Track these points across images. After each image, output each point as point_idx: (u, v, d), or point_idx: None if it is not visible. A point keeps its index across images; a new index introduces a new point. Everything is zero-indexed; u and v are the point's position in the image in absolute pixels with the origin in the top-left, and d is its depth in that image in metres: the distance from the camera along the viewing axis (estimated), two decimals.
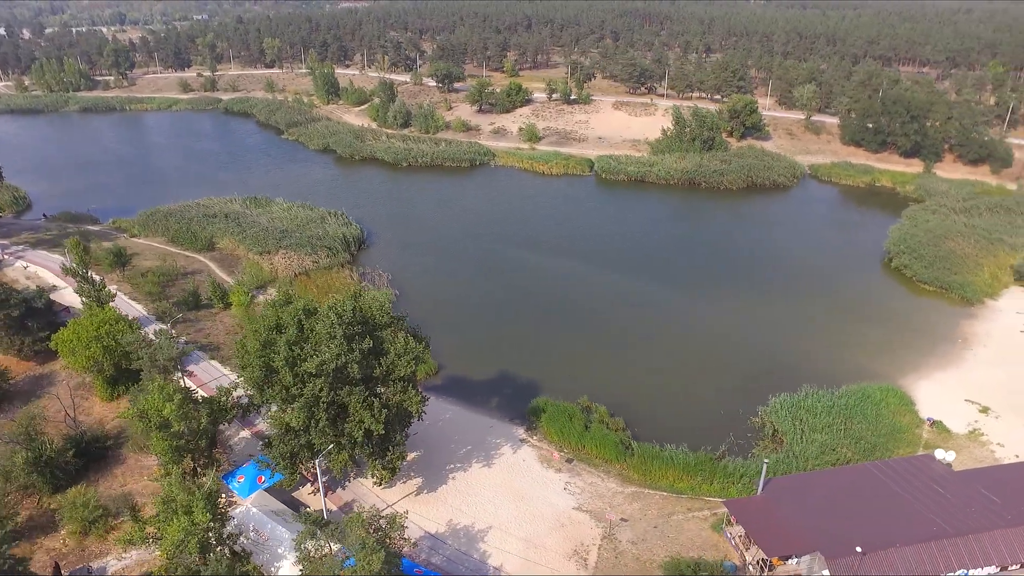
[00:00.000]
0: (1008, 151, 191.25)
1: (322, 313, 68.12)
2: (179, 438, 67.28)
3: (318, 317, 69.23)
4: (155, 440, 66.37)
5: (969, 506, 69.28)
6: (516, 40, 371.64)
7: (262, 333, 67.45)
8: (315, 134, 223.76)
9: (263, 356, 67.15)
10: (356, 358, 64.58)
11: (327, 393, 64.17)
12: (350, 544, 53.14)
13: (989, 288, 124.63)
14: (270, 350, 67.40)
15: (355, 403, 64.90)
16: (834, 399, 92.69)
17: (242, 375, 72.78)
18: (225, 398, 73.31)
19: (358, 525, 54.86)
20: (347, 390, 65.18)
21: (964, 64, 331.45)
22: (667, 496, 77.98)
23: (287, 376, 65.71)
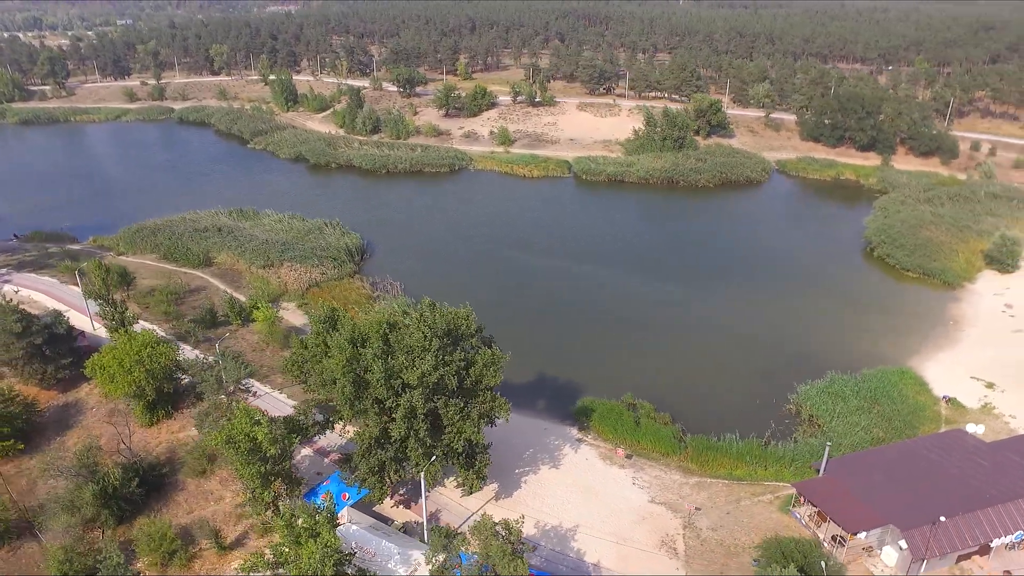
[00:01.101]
0: (954, 143, 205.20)
1: (412, 325, 68.69)
2: (267, 462, 66.62)
3: (403, 330, 69.82)
4: (246, 466, 65.40)
5: (1009, 473, 75.61)
6: (466, 43, 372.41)
7: (346, 348, 67.46)
8: (284, 143, 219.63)
9: (351, 371, 67.25)
10: (452, 370, 65.64)
11: (423, 404, 64.96)
12: (492, 552, 54.29)
13: (966, 273, 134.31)
14: (357, 364, 67.60)
15: (453, 413, 65.90)
16: (857, 383, 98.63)
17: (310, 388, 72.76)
18: (305, 416, 72.85)
19: (490, 533, 56.08)
20: (443, 400, 66.10)
21: (893, 61, 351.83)
22: (728, 483, 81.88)
23: (380, 389, 66.12)
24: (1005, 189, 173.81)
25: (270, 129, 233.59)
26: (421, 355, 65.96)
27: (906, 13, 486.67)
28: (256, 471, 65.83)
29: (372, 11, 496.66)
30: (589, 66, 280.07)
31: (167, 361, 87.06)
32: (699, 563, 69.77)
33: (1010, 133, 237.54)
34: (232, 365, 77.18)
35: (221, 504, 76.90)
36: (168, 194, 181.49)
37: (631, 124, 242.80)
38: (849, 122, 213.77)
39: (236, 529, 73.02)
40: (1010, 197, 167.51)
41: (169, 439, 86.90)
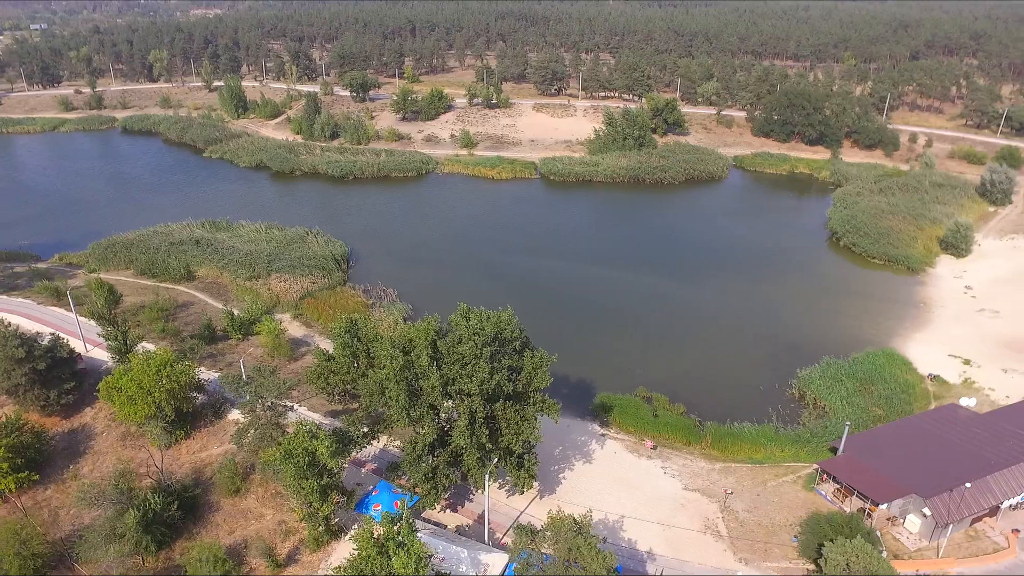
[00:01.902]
0: (896, 136, 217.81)
1: (463, 333, 69.58)
2: (324, 476, 66.45)
3: (451, 336, 70.71)
4: (305, 480, 65.02)
5: (1007, 440, 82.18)
6: (410, 46, 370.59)
7: (397, 358, 67.93)
8: (242, 150, 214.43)
9: (403, 379, 67.79)
10: (506, 375, 67.04)
11: (483, 409, 66.17)
12: (581, 546, 55.97)
13: (926, 258, 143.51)
14: (409, 372, 68.18)
15: (511, 416, 67.28)
16: (851, 366, 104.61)
17: (367, 401, 72.94)
18: (354, 428, 72.78)
19: (569, 528, 57.82)
20: (501, 405, 67.41)
21: (824, 58, 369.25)
22: (751, 467, 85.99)
23: (436, 396, 66.94)
24: (946, 178, 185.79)
25: (224, 137, 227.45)
26: (474, 362, 66.97)
27: (828, 11, 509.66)
28: (314, 485, 65.53)
29: (308, 14, 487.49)
30: (542, 67, 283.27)
31: (187, 379, 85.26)
32: (743, 543, 73.37)
33: (939, 125, 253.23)
34: (271, 380, 76.12)
35: (263, 522, 75.97)
36: (128, 207, 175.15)
37: (588, 124, 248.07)
38: (796, 118, 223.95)
39: (285, 546, 72.39)
40: (952, 185, 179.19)
41: (192, 460, 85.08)
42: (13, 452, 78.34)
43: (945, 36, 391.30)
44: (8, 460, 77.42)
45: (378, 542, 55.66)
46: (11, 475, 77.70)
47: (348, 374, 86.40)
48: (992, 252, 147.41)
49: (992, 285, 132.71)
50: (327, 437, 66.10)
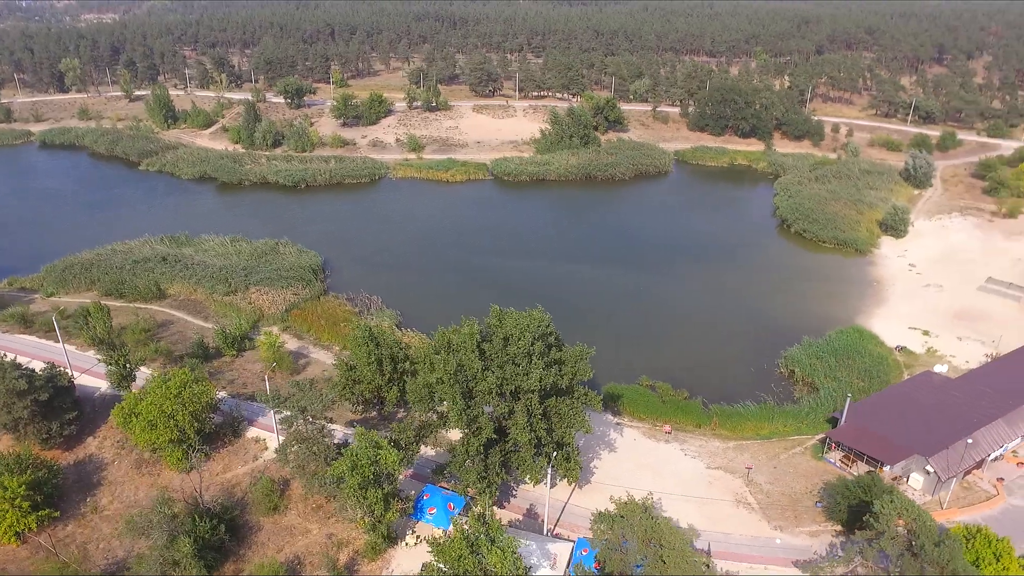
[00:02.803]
0: (821, 127, 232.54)
1: (508, 334, 71.53)
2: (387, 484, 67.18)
3: (497, 339, 72.60)
4: (370, 490, 65.52)
5: (983, 400, 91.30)
6: (334, 50, 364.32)
7: (451, 363, 69.33)
8: (182, 162, 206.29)
9: (457, 383, 69.28)
10: (556, 371, 69.65)
11: (539, 405, 68.57)
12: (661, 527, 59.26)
13: (870, 240, 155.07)
14: (462, 375, 69.72)
15: (565, 410, 69.94)
16: (828, 344, 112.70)
17: (416, 406, 73.93)
18: (408, 434, 73.50)
19: (642, 512, 61.11)
20: (554, 400, 69.97)
21: (738, 53, 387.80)
22: (761, 443, 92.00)
23: (492, 397, 68.79)
24: (873, 165, 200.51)
25: (160, 149, 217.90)
26: (526, 360, 69.20)
27: (734, 9, 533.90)
28: (379, 495, 66.13)
29: (220, 19, 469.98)
30: (477, 69, 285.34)
31: (207, 400, 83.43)
32: (774, 512, 78.90)
33: (852, 115, 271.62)
34: (311, 394, 75.58)
35: (310, 537, 75.65)
36: (70, 226, 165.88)
37: (529, 124, 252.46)
38: (729, 112, 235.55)
39: (341, 558, 72.42)
40: (880, 172, 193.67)
41: (218, 481, 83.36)
42: (31, 489, 74.74)
43: (844, 31, 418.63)
44: (27, 498, 73.81)
45: (469, 540, 57.22)
46: (31, 513, 74.16)
47: (373, 382, 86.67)
48: (925, 232, 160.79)
49: (931, 262, 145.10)
50: (389, 446, 66.76)
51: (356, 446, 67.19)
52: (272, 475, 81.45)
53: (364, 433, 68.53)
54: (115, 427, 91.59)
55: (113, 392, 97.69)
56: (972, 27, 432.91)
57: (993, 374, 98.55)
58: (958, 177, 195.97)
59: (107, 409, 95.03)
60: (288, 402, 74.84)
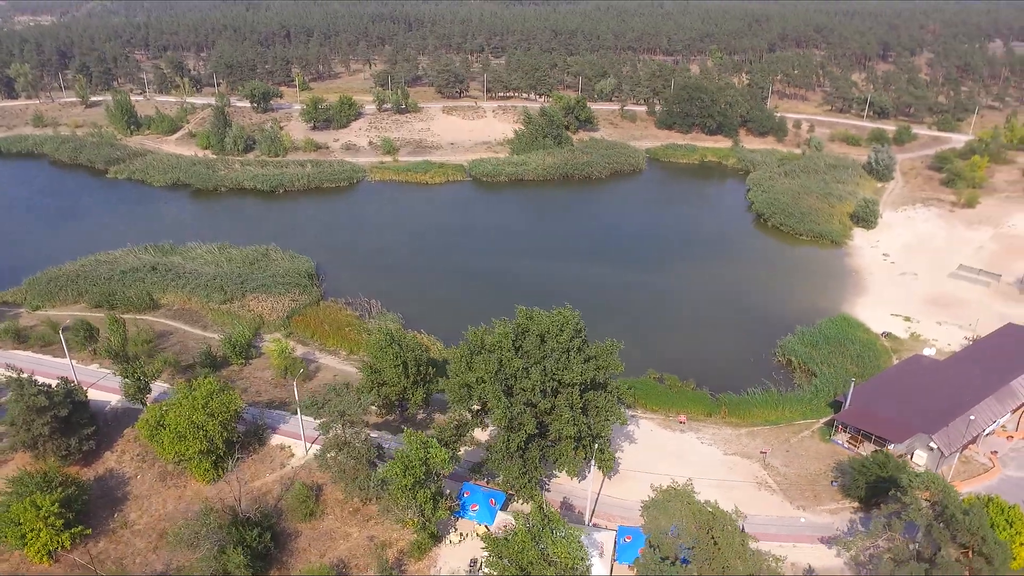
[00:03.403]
0: (784, 123, 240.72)
1: (545, 331, 73.54)
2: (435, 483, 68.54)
3: (532, 337, 74.57)
4: (420, 489, 66.81)
5: (972, 379, 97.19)
6: (294, 52, 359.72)
7: (492, 362, 71.04)
8: (153, 169, 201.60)
9: (499, 381, 71.05)
10: (594, 364, 72.07)
11: (580, 399, 70.91)
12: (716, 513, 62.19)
13: (844, 232, 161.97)
14: (504, 373, 71.51)
15: (602, 403, 72.40)
16: (820, 332, 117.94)
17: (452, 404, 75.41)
18: (449, 433, 74.80)
19: (688, 497, 63.97)
20: (592, 394, 72.36)
21: (694, 51, 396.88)
22: (770, 428, 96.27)
23: (534, 393, 70.77)
24: (837, 159, 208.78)
25: (126, 156, 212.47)
26: (564, 356, 71.41)
27: (684, 8, 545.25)
28: (428, 494, 67.46)
29: (170, 22, 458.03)
30: (444, 70, 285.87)
31: (235, 408, 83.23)
32: (794, 493, 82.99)
33: (809, 112, 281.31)
34: (352, 398, 76.15)
35: (351, 540, 76.36)
36: (45, 237, 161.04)
37: (500, 124, 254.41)
38: (695, 110, 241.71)
39: (387, 558, 73.21)
40: (844, 166, 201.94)
41: (247, 490, 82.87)
42: (63, 506, 73.53)
43: (794, 30, 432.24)
44: (60, 515, 72.62)
45: (532, 532, 59.14)
46: (64, 531, 73.00)
47: (398, 384, 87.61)
48: (893, 223, 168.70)
49: (903, 251, 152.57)
50: (438, 445, 68.12)
51: (406, 447, 68.28)
52: (303, 481, 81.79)
53: (413, 434, 69.68)
54: (133, 441, 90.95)
55: (124, 405, 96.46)
56: (912, 25, 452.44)
57: (976, 355, 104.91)
58: (916, 170, 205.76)
59: (120, 423, 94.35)
60: (327, 407, 75.21)
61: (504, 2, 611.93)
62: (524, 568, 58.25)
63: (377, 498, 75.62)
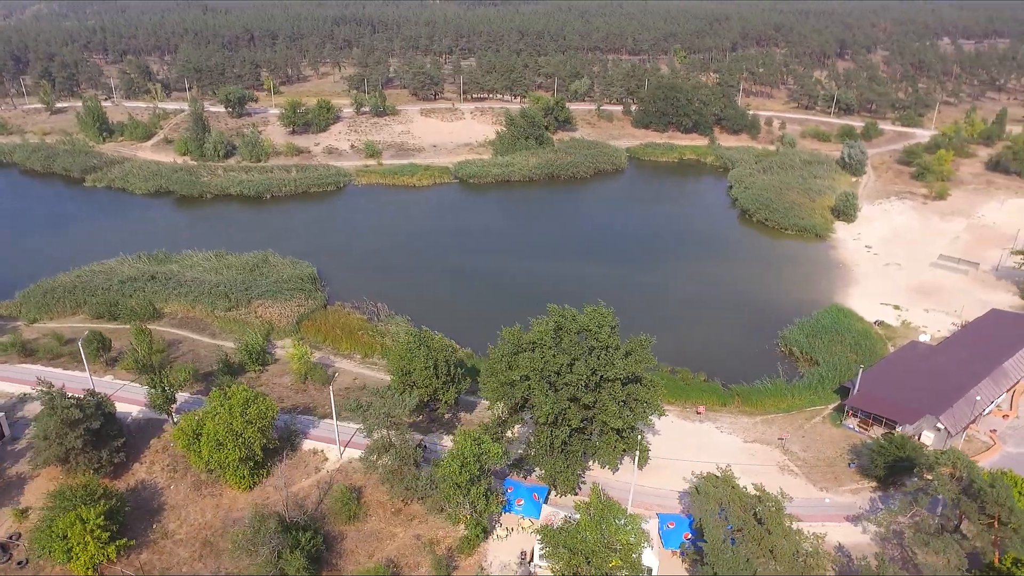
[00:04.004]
0: (757, 121, 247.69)
1: (583, 328, 75.92)
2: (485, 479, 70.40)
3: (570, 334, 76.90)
4: (474, 486, 68.63)
5: (968, 363, 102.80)
6: (263, 56, 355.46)
7: (537, 360, 73.15)
8: (133, 177, 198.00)
9: (543, 379, 73.22)
10: (634, 358, 74.79)
11: (621, 392, 73.56)
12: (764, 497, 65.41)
13: (827, 226, 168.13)
14: (548, 369, 73.71)
15: (642, 395, 75.15)
16: (818, 322, 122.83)
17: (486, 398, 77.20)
18: (495, 431, 76.55)
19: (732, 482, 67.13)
20: (634, 387, 75.04)
21: (657, 51, 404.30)
22: (783, 416, 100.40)
23: (578, 388, 73.15)
24: (812, 155, 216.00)
25: (103, 164, 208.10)
26: (605, 351, 73.95)
27: (643, 8, 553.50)
28: (481, 490, 69.29)
29: (128, 26, 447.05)
30: (419, 73, 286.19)
31: (273, 415, 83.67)
32: (815, 475, 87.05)
33: (776, 109, 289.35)
34: (398, 400, 77.33)
35: (397, 540, 77.59)
36: (30, 248, 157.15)
37: (479, 126, 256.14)
38: (670, 109, 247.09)
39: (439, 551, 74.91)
40: (819, 162, 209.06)
41: (290, 493, 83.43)
42: (107, 519, 73.20)
43: (754, 29, 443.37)
44: (105, 528, 72.34)
45: (595, 518, 61.56)
46: (110, 544, 72.73)
47: (430, 385, 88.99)
48: (871, 216, 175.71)
49: (884, 243, 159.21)
50: (489, 441, 69.96)
51: (459, 444, 69.94)
52: (341, 484, 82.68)
53: (466, 432, 71.35)
54: (161, 451, 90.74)
55: (145, 416, 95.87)
56: (865, 24, 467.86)
57: (967, 340, 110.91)
58: (886, 164, 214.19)
59: (143, 433, 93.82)
60: (371, 410, 76.31)
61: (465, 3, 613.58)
62: (588, 556, 60.55)
63: (422, 498, 77.04)
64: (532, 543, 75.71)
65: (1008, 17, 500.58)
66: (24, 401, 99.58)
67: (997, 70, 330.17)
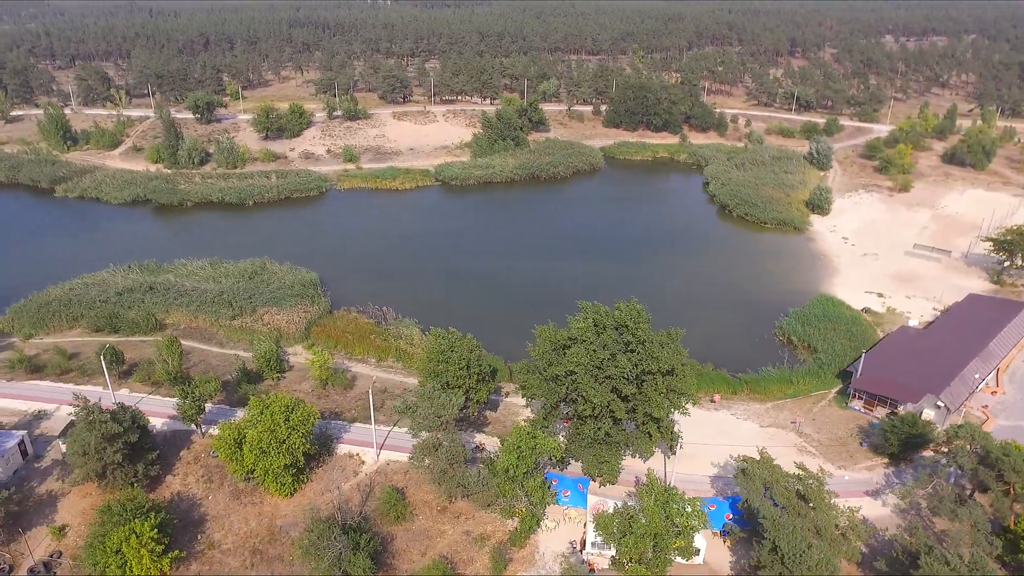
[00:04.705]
0: (724, 119, 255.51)
1: (626, 323, 79.04)
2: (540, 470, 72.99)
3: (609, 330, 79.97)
4: (531, 479, 71.10)
5: (954, 344, 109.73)
6: (224, 61, 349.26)
7: (582, 354, 76.00)
8: (107, 186, 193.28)
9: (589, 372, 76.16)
10: (671, 351, 78.37)
11: (663, 383, 77.01)
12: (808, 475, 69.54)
13: (803, 219, 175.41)
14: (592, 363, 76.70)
15: (679, 386, 78.72)
16: (810, 312, 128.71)
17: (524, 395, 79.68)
18: (543, 426, 78.97)
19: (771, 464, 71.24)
20: (669, 378, 78.53)
21: (615, 51, 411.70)
22: (792, 400, 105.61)
23: (619, 382, 76.29)
24: (780, 151, 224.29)
25: (72, 174, 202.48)
26: (640, 345, 77.28)
27: (598, 8, 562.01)
28: (539, 482, 71.80)
29: (77, 31, 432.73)
30: (390, 76, 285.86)
31: (315, 420, 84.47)
32: (831, 454, 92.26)
33: (737, 107, 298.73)
34: (446, 399, 79.00)
35: (447, 537, 79.45)
36: (9, 262, 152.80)
37: (453, 129, 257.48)
38: (640, 108, 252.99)
39: (487, 549, 76.94)
40: (788, 157, 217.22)
41: (327, 499, 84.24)
42: (158, 531, 73.19)
43: (707, 28, 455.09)
44: (159, 541, 72.37)
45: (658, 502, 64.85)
46: (164, 556, 72.78)
47: (463, 384, 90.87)
48: (843, 208, 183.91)
49: (859, 234, 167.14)
50: (543, 435, 72.47)
51: (515, 439, 72.22)
52: (387, 486, 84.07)
53: (521, 427, 73.67)
54: (192, 462, 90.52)
55: (169, 428, 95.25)
56: (812, 22, 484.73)
57: (951, 323, 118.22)
58: (850, 159, 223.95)
59: (171, 445, 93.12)
60: (420, 410, 77.93)
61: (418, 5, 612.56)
62: (655, 539, 63.74)
63: (469, 495, 79.04)
64: (580, 533, 78.84)
65: (943, 16, 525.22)
66: (40, 418, 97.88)
67: (940, 67, 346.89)
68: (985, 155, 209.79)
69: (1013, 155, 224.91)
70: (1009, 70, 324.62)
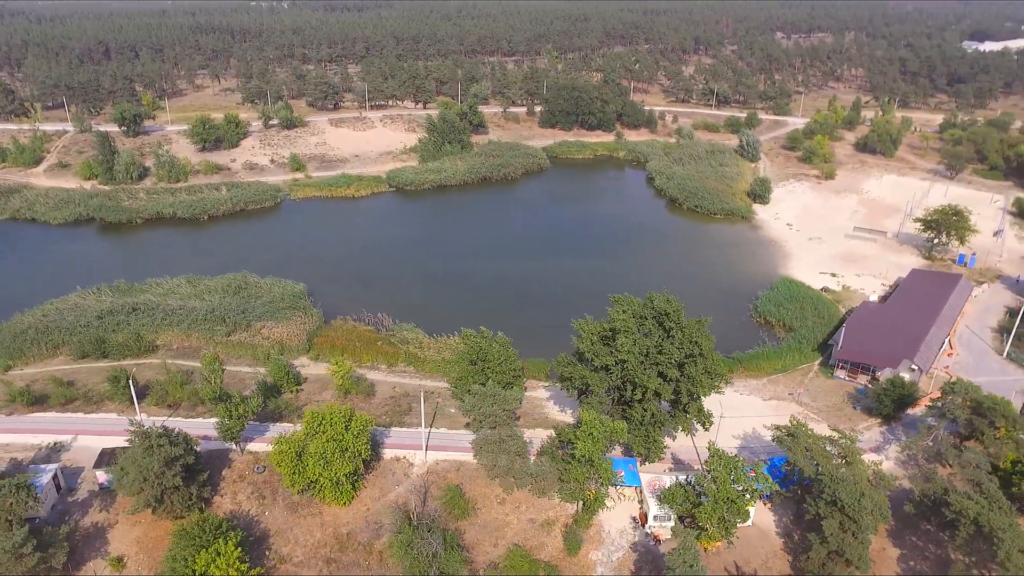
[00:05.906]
0: (654, 116, 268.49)
1: (669, 310, 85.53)
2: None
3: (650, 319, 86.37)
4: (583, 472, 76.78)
5: (913, 314, 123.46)
6: (135, 70, 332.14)
7: (644, 342, 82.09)
8: (42, 205, 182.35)
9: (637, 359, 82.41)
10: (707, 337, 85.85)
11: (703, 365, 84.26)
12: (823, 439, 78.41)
13: (748, 208, 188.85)
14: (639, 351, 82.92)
15: (714, 368, 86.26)
16: (779, 294, 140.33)
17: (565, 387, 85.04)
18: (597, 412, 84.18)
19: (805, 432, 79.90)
20: (706, 361, 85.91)
21: (530, 51, 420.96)
22: (784, 375, 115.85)
23: (666, 367, 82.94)
24: (713, 146, 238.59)
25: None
26: (680, 332, 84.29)
27: (504, 9, 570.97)
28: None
29: None
30: (321, 83, 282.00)
31: (371, 427, 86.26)
32: (832, 419, 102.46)
33: (659, 103, 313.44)
34: (502, 396, 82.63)
35: (514, 527, 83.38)
36: None
37: (392, 134, 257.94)
38: (574, 108, 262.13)
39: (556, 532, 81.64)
40: (721, 151, 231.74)
41: (385, 503, 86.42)
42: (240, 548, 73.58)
43: (614, 28, 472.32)
44: (242, 559, 72.86)
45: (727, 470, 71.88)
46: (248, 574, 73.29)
47: (501, 380, 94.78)
48: (780, 197, 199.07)
49: (800, 220, 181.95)
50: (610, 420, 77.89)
51: (587, 425, 77.12)
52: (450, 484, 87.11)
53: (590, 412, 78.80)
54: (238, 480, 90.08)
55: (205, 448, 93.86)
56: (710, 21, 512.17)
57: (903, 296, 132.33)
58: (775, 150, 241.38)
59: (210, 466, 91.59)
60: (482, 409, 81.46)
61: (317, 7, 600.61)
62: (728, 503, 70.67)
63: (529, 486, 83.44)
64: (636, 509, 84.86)
65: (825, 15, 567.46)
66: (58, 450, 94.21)
67: (833, 62, 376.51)
68: (892, 143, 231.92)
69: (914, 143, 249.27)
70: (892, 65, 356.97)
